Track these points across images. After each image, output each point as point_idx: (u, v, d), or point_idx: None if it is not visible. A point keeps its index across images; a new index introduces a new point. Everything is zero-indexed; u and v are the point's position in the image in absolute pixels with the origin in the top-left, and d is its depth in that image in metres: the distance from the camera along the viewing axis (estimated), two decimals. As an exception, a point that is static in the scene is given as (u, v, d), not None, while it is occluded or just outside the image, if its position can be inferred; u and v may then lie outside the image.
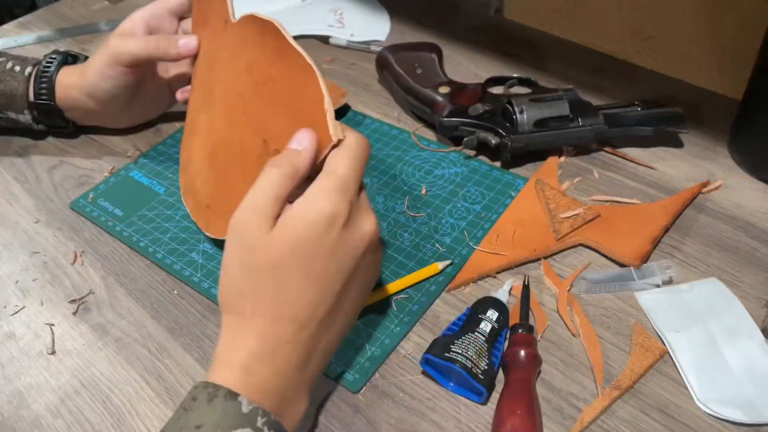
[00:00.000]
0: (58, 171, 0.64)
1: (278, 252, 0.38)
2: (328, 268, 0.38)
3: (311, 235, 0.38)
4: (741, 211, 0.55)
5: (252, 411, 0.35)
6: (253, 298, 0.38)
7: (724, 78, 0.66)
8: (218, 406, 0.35)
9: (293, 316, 0.38)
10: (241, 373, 0.36)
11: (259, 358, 0.37)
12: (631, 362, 0.45)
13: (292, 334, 0.38)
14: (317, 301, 0.38)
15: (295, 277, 0.38)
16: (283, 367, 0.38)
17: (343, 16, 0.83)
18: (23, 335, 0.50)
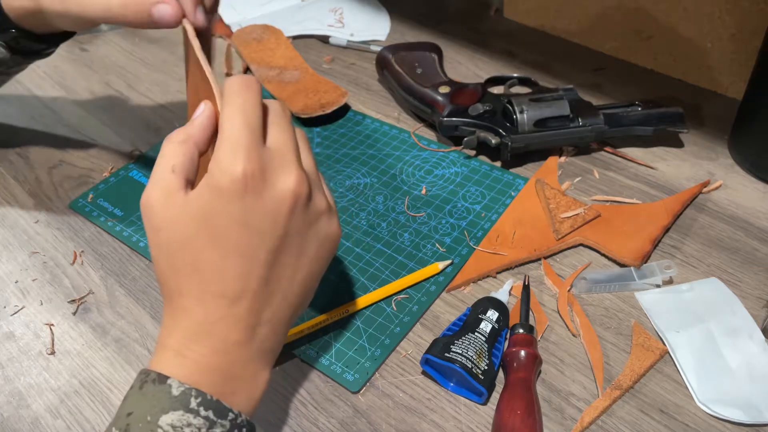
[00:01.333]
0: (58, 171, 0.64)
1: (185, 228, 0.36)
2: (244, 238, 0.36)
3: (214, 205, 0.35)
4: (741, 210, 0.55)
5: (183, 393, 0.33)
6: (174, 278, 0.36)
7: (724, 78, 0.66)
8: (148, 391, 0.34)
9: (220, 292, 0.36)
10: (174, 356, 0.35)
11: (192, 338, 0.36)
12: (631, 362, 0.45)
13: (225, 311, 0.36)
14: (243, 273, 0.36)
15: (209, 252, 0.36)
16: (221, 345, 0.36)
17: (343, 15, 0.83)
18: (23, 335, 0.50)
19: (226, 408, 0.34)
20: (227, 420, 0.34)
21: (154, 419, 0.33)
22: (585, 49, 0.74)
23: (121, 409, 0.34)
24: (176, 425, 0.33)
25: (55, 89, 0.74)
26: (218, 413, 0.34)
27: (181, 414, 0.33)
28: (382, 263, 0.53)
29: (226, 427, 0.34)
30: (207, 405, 0.34)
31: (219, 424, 0.34)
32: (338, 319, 0.48)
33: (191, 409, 0.33)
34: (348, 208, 0.58)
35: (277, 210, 0.36)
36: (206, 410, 0.33)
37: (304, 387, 0.45)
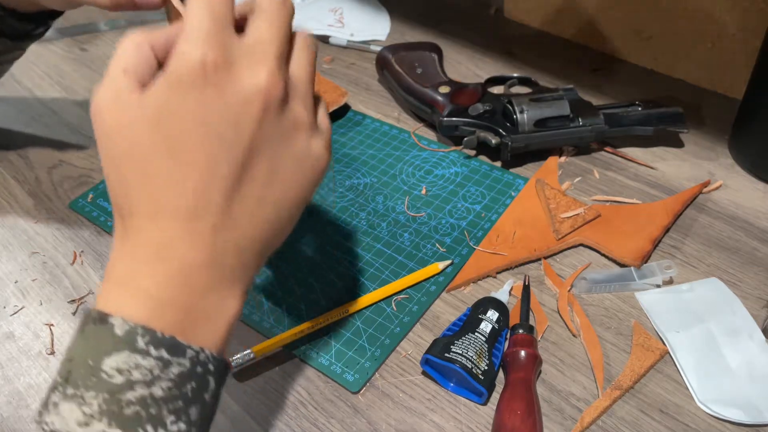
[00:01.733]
0: (58, 171, 0.64)
1: (137, 132, 0.31)
2: (204, 142, 0.31)
3: (169, 100, 0.31)
4: (741, 210, 0.55)
5: (128, 332, 0.29)
6: (125, 194, 0.32)
7: (724, 78, 0.66)
8: (89, 333, 0.30)
9: (175, 207, 0.31)
10: (121, 287, 0.31)
11: (142, 264, 0.31)
12: (632, 362, 0.45)
13: (181, 229, 0.31)
14: (203, 185, 0.31)
15: (164, 159, 0.31)
16: (176, 270, 0.31)
17: (343, 15, 0.83)
18: (22, 335, 0.50)
19: (182, 344, 0.30)
20: (186, 358, 0.30)
21: (97, 363, 0.29)
22: (585, 49, 0.74)
23: (63, 357, 0.30)
24: (122, 368, 0.29)
25: (55, 89, 0.74)
26: (173, 351, 0.30)
27: (127, 355, 0.29)
28: (382, 263, 0.52)
29: (186, 365, 0.30)
30: (158, 343, 0.29)
31: (176, 363, 0.30)
32: (338, 319, 0.48)
33: (139, 349, 0.29)
34: (348, 208, 0.57)
35: (243, 111, 0.31)
36: (157, 349, 0.29)
37: (304, 387, 0.45)
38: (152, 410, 0.29)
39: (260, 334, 0.48)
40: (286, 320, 0.49)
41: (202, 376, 0.31)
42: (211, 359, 0.31)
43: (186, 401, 0.30)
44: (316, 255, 0.54)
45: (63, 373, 0.29)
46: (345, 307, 0.49)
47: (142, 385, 0.29)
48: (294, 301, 0.50)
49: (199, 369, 0.31)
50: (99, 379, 0.29)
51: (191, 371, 0.30)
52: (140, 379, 0.29)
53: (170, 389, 0.30)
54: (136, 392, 0.29)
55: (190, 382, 0.30)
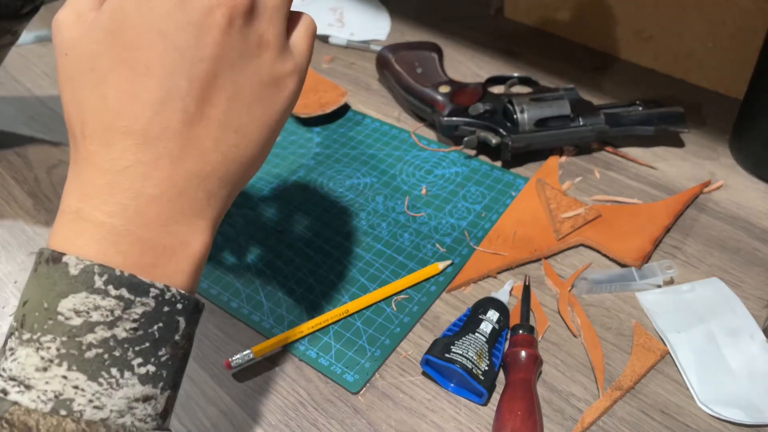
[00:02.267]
0: (57, 171, 0.64)
1: (91, 44, 0.29)
2: (161, 53, 0.28)
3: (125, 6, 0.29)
4: (742, 211, 0.55)
5: (83, 271, 0.27)
6: (77, 114, 0.30)
7: (724, 77, 0.66)
8: (42, 274, 0.28)
9: (129, 127, 0.29)
10: (74, 221, 0.29)
11: (95, 194, 0.29)
12: (632, 362, 0.44)
13: (135, 153, 0.29)
14: (158, 102, 0.29)
15: (117, 71, 0.29)
16: (132, 201, 0.29)
17: (343, 15, 0.83)
18: (22, 336, 0.50)
19: (144, 282, 0.28)
20: (149, 297, 0.28)
21: (52, 306, 0.27)
22: (585, 48, 0.74)
23: (19, 300, 0.29)
24: (80, 310, 0.27)
25: (55, 89, 0.74)
26: (134, 290, 0.28)
27: (85, 296, 0.27)
28: (382, 263, 0.52)
29: (150, 305, 0.28)
30: (117, 282, 0.27)
31: (139, 303, 0.28)
32: (338, 319, 0.48)
33: (96, 289, 0.27)
34: (348, 208, 0.57)
35: (204, 23, 0.29)
36: (117, 288, 0.27)
37: (304, 387, 0.45)
38: (116, 352, 0.27)
39: (260, 334, 0.48)
40: (286, 320, 0.49)
41: (169, 315, 0.29)
42: (178, 297, 0.29)
43: (153, 342, 0.28)
44: (316, 255, 0.53)
45: (18, 318, 0.28)
46: (345, 308, 0.49)
47: (102, 327, 0.27)
48: (294, 301, 0.50)
49: (166, 308, 0.29)
50: (56, 322, 0.27)
51: (156, 311, 0.28)
52: (100, 321, 0.27)
53: (135, 330, 0.28)
54: (97, 334, 0.27)
55: (157, 322, 0.28)
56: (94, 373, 0.27)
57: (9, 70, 0.77)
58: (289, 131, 0.66)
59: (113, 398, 0.27)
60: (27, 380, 0.26)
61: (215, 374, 0.46)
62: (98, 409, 0.27)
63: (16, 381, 0.27)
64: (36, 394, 0.26)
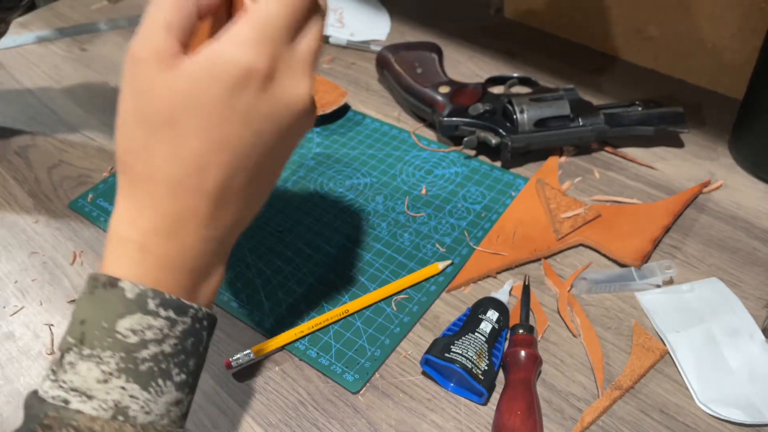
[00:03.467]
0: (57, 171, 0.64)
1: (176, 103, 0.31)
2: (241, 136, 0.32)
3: (217, 91, 0.31)
4: (742, 211, 0.55)
5: (140, 295, 0.31)
6: (148, 157, 0.32)
7: (724, 78, 0.66)
8: (100, 296, 0.31)
9: (199, 187, 0.32)
10: (137, 251, 0.32)
11: (158, 232, 0.32)
12: (632, 362, 0.45)
13: (197, 208, 0.33)
14: (229, 172, 0.33)
15: (197, 140, 0.32)
16: (189, 243, 0.33)
17: (343, 15, 0.83)
18: (22, 335, 0.50)
19: (186, 305, 0.33)
20: (188, 316, 0.33)
21: (111, 325, 0.30)
22: (585, 48, 0.74)
23: (73, 318, 0.31)
24: (136, 329, 0.31)
25: (55, 89, 0.74)
26: (179, 311, 0.32)
27: (140, 317, 0.31)
28: (382, 263, 0.52)
29: (188, 323, 0.33)
30: (166, 304, 0.32)
31: (181, 322, 0.32)
32: (338, 319, 0.48)
33: (150, 311, 0.31)
34: (348, 208, 0.57)
35: (281, 116, 0.33)
36: (166, 310, 0.32)
37: (304, 387, 0.45)
38: (162, 365, 0.31)
39: (260, 334, 0.48)
40: (286, 320, 0.49)
41: (198, 331, 0.33)
42: (205, 316, 0.34)
43: (187, 354, 0.33)
44: (316, 255, 0.54)
45: (76, 335, 0.31)
46: (345, 307, 0.49)
47: (154, 344, 0.31)
48: (294, 301, 0.50)
49: (197, 325, 0.33)
50: (115, 340, 0.30)
51: (191, 328, 0.33)
52: (153, 338, 0.31)
53: (176, 345, 0.32)
54: (150, 350, 0.31)
55: (190, 337, 0.33)
56: (146, 384, 0.31)
57: (9, 70, 0.77)
58: (289, 131, 0.66)
59: (158, 404, 0.31)
60: (89, 391, 0.30)
61: (215, 374, 0.46)
62: (147, 414, 0.31)
63: (77, 392, 0.30)
64: (98, 403, 0.30)
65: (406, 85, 0.66)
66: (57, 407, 0.29)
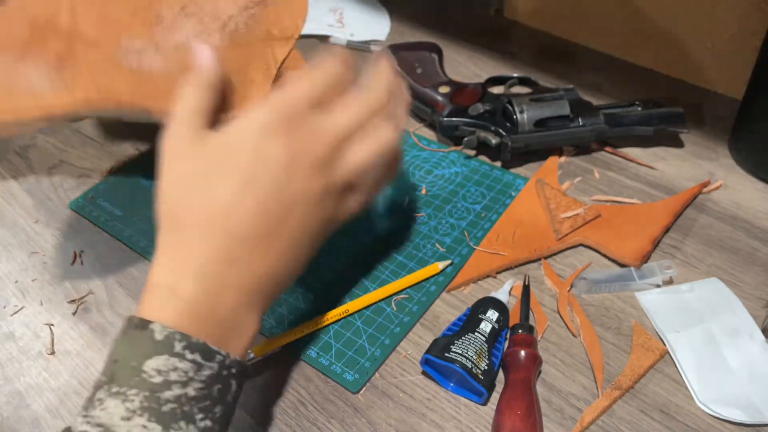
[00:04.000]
0: (58, 171, 0.64)
1: (211, 155, 0.36)
2: (265, 180, 0.36)
3: (249, 140, 0.36)
4: (742, 211, 0.55)
5: (167, 337, 0.33)
6: (184, 206, 0.36)
7: (724, 78, 0.66)
8: (131, 337, 0.33)
9: (228, 229, 0.35)
10: (167, 295, 0.34)
11: (188, 276, 0.35)
12: (632, 362, 0.45)
13: (225, 249, 0.35)
14: (257, 214, 0.36)
15: (230, 184, 0.36)
16: (218, 288, 0.35)
17: (343, 15, 0.83)
18: (22, 335, 0.50)
19: (213, 350, 0.34)
20: (215, 362, 0.34)
21: (139, 364, 0.32)
22: (585, 49, 0.74)
23: (108, 357, 0.34)
24: (162, 370, 0.32)
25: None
26: (205, 356, 0.33)
27: (166, 358, 0.32)
28: (382, 263, 0.52)
29: (215, 369, 0.34)
30: (193, 348, 0.33)
31: (207, 367, 0.33)
32: (338, 319, 0.48)
33: (176, 353, 0.33)
34: (348, 208, 0.57)
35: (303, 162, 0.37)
36: (192, 353, 0.33)
37: (304, 387, 0.45)
38: (185, 408, 0.32)
39: (260, 334, 0.48)
40: (286, 320, 0.49)
41: (226, 378, 0.34)
42: (235, 364, 0.35)
43: (213, 401, 0.33)
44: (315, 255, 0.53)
45: (108, 373, 0.33)
46: (345, 307, 0.49)
47: (178, 386, 0.32)
48: (294, 301, 0.50)
49: (225, 372, 0.34)
50: (141, 379, 0.32)
51: (218, 374, 0.34)
52: (177, 380, 0.32)
53: (201, 389, 0.33)
54: (173, 391, 0.32)
55: (217, 384, 0.34)
56: (167, 424, 0.32)
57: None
58: (289, 131, 0.66)
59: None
60: (112, 427, 0.31)
61: (215, 374, 0.46)
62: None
63: (102, 427, 0.31)
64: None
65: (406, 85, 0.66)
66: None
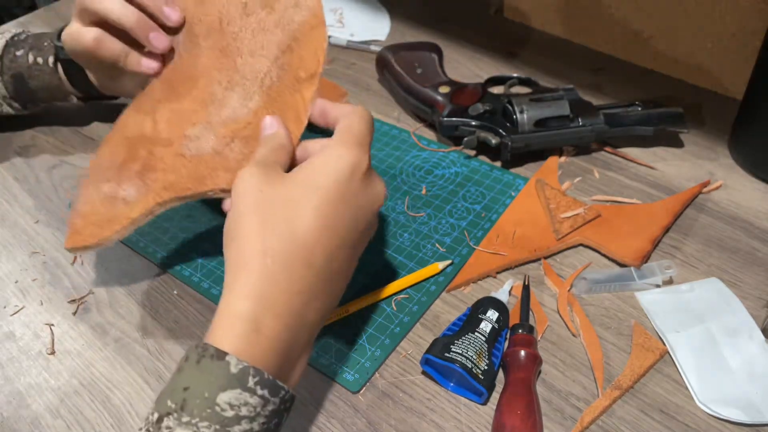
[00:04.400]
0: (58, 171, 0.64)
1: (292, 188, 0.37)
2: (345, 215, 0.38)
3: (330, 178, 0.38)
4: (741, 210, 0.55)
5: (242, 371, 0.33)
6: (263, 233, 0.36)
7: (724, 78, 0.66)
8: (206, 366, 0.33)
9: (307, 260, 0.36)
10: (251, 331, 0.34)
11: (269, 308, 0.35)
12: (632, 362, 0.45)
13: (310, 285, 0.36)
14: (333, 247, 0.37)
15: (309, 217, 0.36)
16: (295, 322, 0.36)
17: (343, 15, 0.83)
18: (23, 335, 0.50)
19: (279, 386, 0.34)
20: (278, 397, 0.34)
21: (212, 396, 0.32)
22: (585, 49, 0.74)
23: (175, 382, 0.33)
24: (234, 404, 0.32)
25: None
26: (273, 391, 0.34)
27: (239, 392, 0.32)
28: (382, 263, 0.52)
29: (277, 404, 0.34)
30: (264, 384, 0.33)
31: (272, 402, 0.34)
32: (338, 319, 0.48)
33: (248, 387, 0.33)
34: (348, 208, 0.57)
35: (374, 203, 0.40)
36: (263, 389, 0.33)
37: (304, 387, 0.45)
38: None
39: (260, 334, 0.48)
40: (286, 320, 0.49)
41: (282, 412, 0.35)
42: (289, 397, 0.35)
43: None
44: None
45: (178, 402, 0.32)
46: (345, 307, 0.49)
47: (247, 420, 0.33)
48: (294, 301, 0.50)
49: (283, 406, 0.35)
50: (213, 411, 0.32)
51: (279, 408, 0.35)
52: (246, 415, 0.33)
53: (264, 424, 0.34)
54: (242, 426, 0.32)
55: (276, 418, 0.34)
56: None
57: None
58: (289, 131, 0.66)
59: None
60: None
61: (216, 374, 0.46)
62: None
63: None
64: None
65: (406, 85, 0.66)
66: None
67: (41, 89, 0.62)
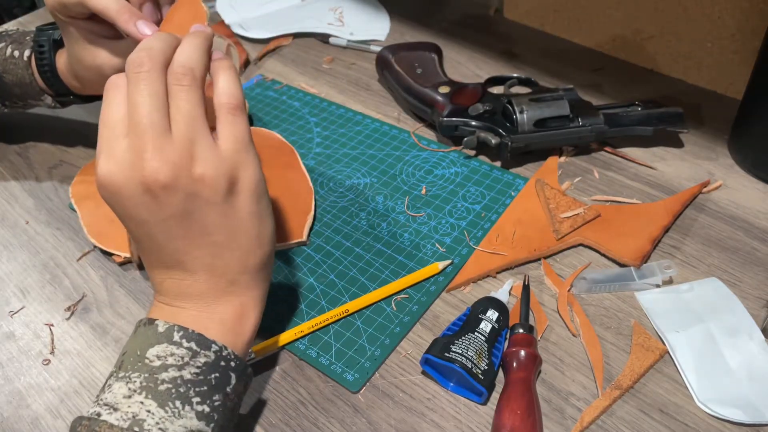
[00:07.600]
0: (58, 171, 0.64)
1: (172, 217, 0.39)
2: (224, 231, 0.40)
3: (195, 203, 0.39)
4: (741, 210, 0.55)
5: (168, 329, 0.37)
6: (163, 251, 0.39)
7: (724, 78, 0.66)
8: (140, 332, 0.38)
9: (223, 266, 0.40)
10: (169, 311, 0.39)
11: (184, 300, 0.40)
12: (631, 362, 0.45)
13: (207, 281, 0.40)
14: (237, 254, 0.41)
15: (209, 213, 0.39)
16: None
17: (343, 15, 0.83)
18: (23, 335, 0.50)
19: (208, 340, 0.37)
20: (211, 351, 0.37)
21: (143, 352, 0.36)
22: (585, 49, 0.74)
23: (120, 353, 0.38)
24: (161, 355, 0.36)
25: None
26: (200, 344, 0.37)
27: (165, 346, 0.36)
28: (382, 263, 0.53)
29: (211, 357, 0.37)
30: (189, 337, 0.37)
31: (202, 354, 0.37)
32: (338, 319, 0.49)
33: (174, 341, 0.37)
34: (348, 208, 0.58)
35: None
36: (188, 342, 0.37)
37: (304, 387, 0.45)
38: (181, 389, 0.36)
39: (260, 334, 0.48)
40: (286, 320, 0.49)
41: (224, 369, 0.37)
42: (232, 357, 0.38)
43: (210, 388, 0.37)
44: (316, 255, 0.54)
45: (117, 363, 0.37)
46: (345, 307, 0.49)
47: (174, 368, 0.36)
48: (294, 301, 0.50)
49: (222, 363, 0.37)
50: (143, 364, 0.36)
51: (215, 363, 0.37)
52: (173, 364, 0.36)
53: (197, 375, 0.36)
54: (169, 373, 0.36)
55: (214, 372, 0.37)
56: (163, 402, 0.35)
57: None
58: (289, 131, 0.66)
59: (174, 425, 0.35)
60: (115, 404, 0.35)
61: (216, 374, 0.46)
62: (162, 430, 0.34)
63: (108, 406, 0.35)
64: (120, 414, 0.35)
65: (406, 85, 0.66)
66: (90, 418, 0.35)
67: (15, 85, 0.59)
